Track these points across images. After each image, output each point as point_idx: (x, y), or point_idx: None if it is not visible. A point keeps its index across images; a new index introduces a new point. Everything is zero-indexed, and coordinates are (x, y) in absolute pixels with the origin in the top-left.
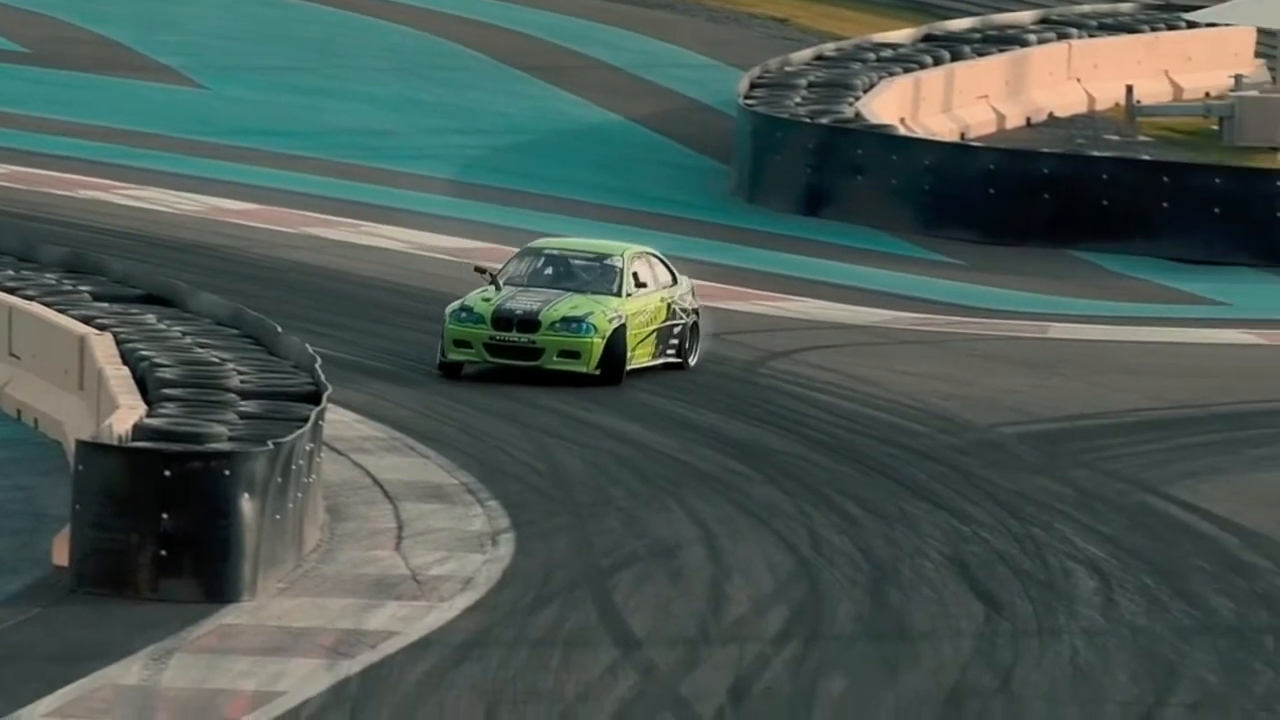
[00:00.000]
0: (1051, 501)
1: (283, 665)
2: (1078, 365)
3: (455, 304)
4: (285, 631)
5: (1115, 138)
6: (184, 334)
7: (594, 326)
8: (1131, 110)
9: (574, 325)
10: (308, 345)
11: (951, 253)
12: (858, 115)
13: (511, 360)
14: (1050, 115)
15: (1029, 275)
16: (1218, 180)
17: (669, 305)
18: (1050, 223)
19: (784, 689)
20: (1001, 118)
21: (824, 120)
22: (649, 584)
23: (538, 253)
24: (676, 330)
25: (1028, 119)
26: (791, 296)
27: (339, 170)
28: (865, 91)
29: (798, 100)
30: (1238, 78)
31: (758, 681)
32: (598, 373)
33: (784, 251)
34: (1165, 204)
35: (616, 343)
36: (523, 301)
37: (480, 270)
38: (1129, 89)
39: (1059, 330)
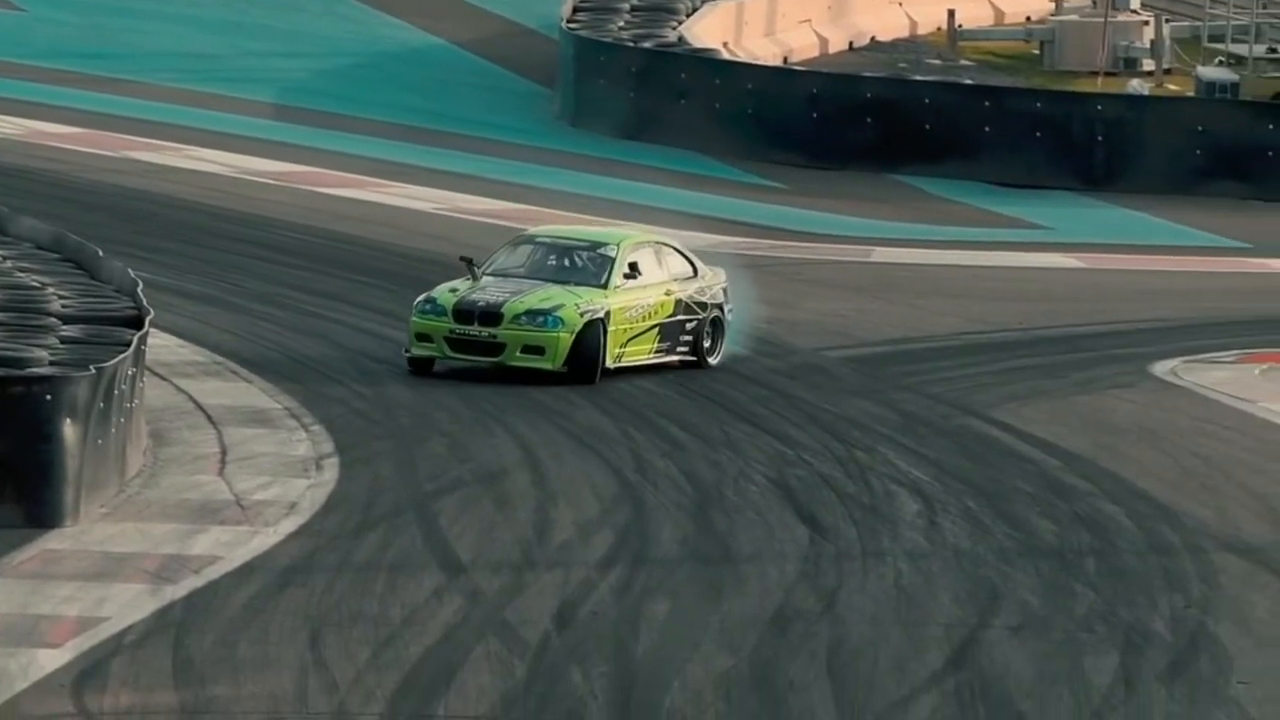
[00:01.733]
0: (875, 425)
1: (106, 590)
2: (901, 289)
3: (423, 295)
4: (109, 556)
5: (937, 62)
6: (4, 258)
7: (561, 320)
8: (953, 34)
9: (539, 318)
10: (130, 270)
11: (775, 176)
12: (681, 39)
13: (472, 356)
14: (873, 39)
15: (852, 199)
16: (1039, 104)
17: (678, 299)
18: (873, 146)
19: (609, 613)
20: (824, 42)
21: (647, 44)
22: (474, 509)
23: (529, 240)
24: (690, 326)
25: (850, 43)
26: (613, 220)
27: (161, 94)
28: (688, 15)
29: (621, 24)
30: (1058, 2)
31: (583, 606)
32: (565, 370)
33: (607, 175)
34: (987, 128)
35: (589, 338)
36: (491, 293)
37: (465, 260)
38: (950, 13)
39: (882, 254)
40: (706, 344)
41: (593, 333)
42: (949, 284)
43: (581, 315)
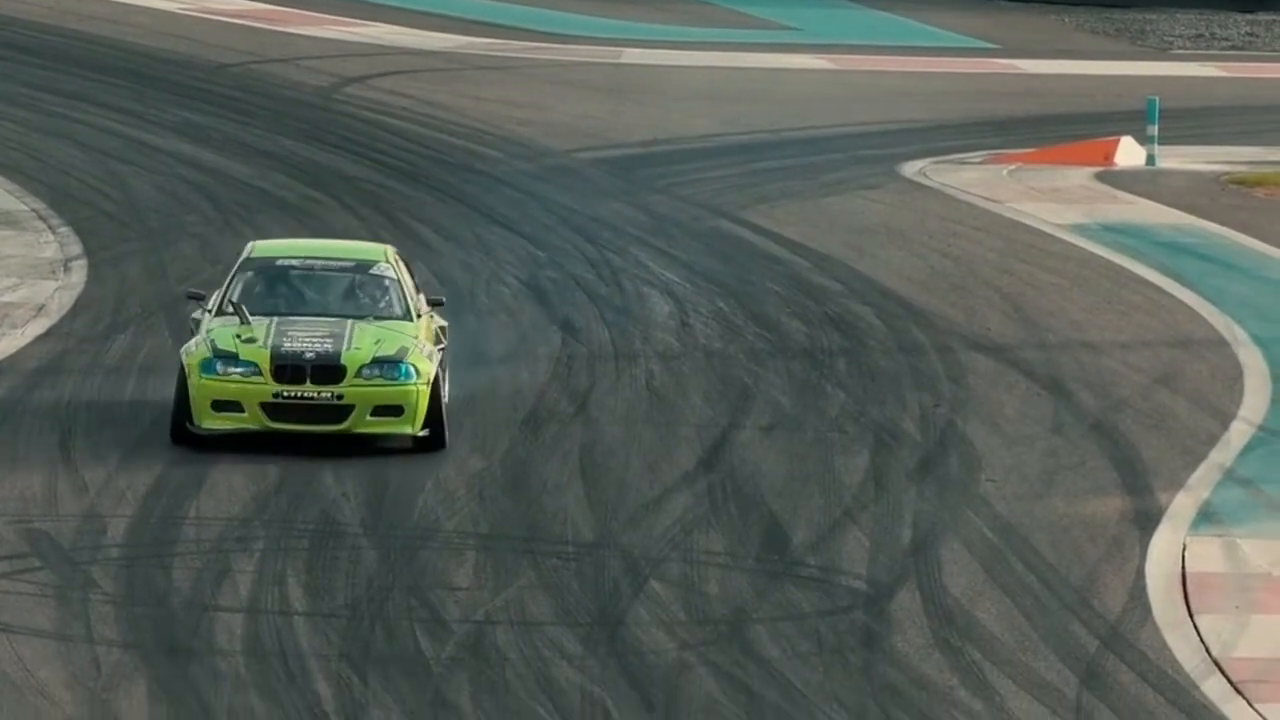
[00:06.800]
0: (627, 227)
1: None
2: (652, 90)
3: (198, 347)
4: None
5: None
6: None
7: (415, 368)
8: None
9: (390, 368)
10: None
11: None
12: None
13: (307, 425)
14: None
15: (602, 0)
16: None
17: (439, 327)
18: None
19: None
20: None
21: None
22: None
23: (268, 263)
24: (441, 360)
25: None
26: (362, 21)
27: None
28: None
29: None
30: None
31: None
32: (424, 434)
33: None
34: None
35: (436, 388)
36: (304, 338)
37: (194, 296)
38: None
39: (632, 55)
40: (445, 384)
41: (436, 381)
42: (699, 85)
43: (428, 358)
